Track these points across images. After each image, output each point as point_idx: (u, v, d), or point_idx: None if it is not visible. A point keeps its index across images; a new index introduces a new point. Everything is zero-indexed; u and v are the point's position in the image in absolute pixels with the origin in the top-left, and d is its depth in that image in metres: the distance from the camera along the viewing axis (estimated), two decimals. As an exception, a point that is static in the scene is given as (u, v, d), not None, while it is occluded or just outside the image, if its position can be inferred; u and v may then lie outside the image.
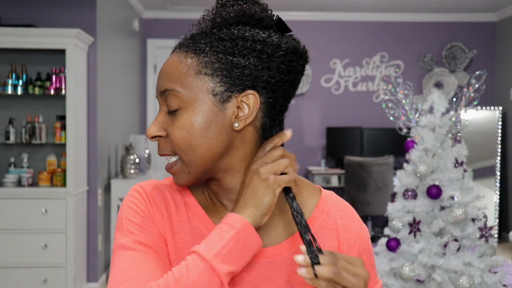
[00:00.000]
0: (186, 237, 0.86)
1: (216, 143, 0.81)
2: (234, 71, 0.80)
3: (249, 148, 0.84)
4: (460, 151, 2.78)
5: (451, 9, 5.92)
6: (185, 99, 0.81)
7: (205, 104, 0.80)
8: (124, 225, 0.85)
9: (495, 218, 5.64)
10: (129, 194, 0.89)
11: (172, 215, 0.87)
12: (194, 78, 0.81)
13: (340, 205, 0.93)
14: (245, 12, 0.82)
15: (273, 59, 0.81)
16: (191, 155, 0.81)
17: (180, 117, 0.81)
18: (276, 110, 0.84)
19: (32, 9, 3.91)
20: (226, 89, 0.80)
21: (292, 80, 0.84)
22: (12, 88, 3.76)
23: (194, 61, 0.81)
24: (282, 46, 0.81)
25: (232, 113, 0.81)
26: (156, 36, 6.02)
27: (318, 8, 5.93)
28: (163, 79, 0.83)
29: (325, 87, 6.17)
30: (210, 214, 0.88)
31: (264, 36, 0.81)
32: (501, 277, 2.67)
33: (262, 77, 0.81)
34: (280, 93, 0.83)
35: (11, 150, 3.94)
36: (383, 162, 5.10)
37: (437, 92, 2.86)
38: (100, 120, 4.11)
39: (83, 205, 3.93)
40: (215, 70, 0.80)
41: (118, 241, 0.84)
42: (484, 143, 5.68)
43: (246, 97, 0.81)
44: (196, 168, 0.82)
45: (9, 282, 3.63)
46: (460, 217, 2.65)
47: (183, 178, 0.84)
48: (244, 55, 0.80)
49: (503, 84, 5.98)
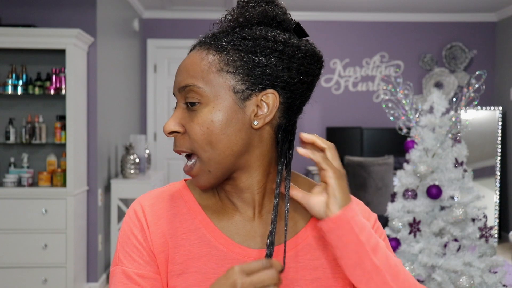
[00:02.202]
0: (192, 248, 0.86)
1: (236, 140, 0.82)
2: (255, 70, 0.81)
3: (266, 147, 0.85)
4: (460, 151, 2.78)
5: (451, 9, 5.92)
6: (206, 95, 0.81)
7: (226, 101, 0.81)
8: (117, 252, 0.88)
9: (495, 218, 5.64)
10: (127, 214, 0.90)
11: (177, 227, 0.87)
12: (215, 75, 0.81)
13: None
14: (268, 14, 0.83)
15: (293, 60, 0.82)
16: (211, 152, 0.82)
17: (200, 113, 0.81)
18: (293, 111, 0.86)
19: (32, 9, 3.91)
20: (247, 87, 0.81)
21: (310, 82, 0.85)
22: (12, 88, 3.76)
23: (216, 59, 0.82)
24: (302, 48, 0.83)
25: (251, 111, 0.82)
26: (156, 36, 6.02)
27: (318, 8, 5.93)
28: (183, 75, 0.83)
29: (325, 87, 6.17)
30: (218, 219, 0.88)
31: (286, 37, 0.82)
32: (501, 277, 2.67)
33: (282, 77, 0.82)
34: (298, 94, 0.84)
35: (11, 150, 3.94)
36: (383, 162, 5.09)
37: (437, 92, 2.86)
38: (100, 120, 4.11)
39: (83, 205, 3.93)
40: (237, 68, 0.81)
41: (111, 267, 0.88)
42: (484, 143, 5.68)
43: (266, 96, 0.82)
44: (216, 166, 0.82)
45: (9, 282, 3.63)
46: (460, 217, 2.65)
47: (204, 179, 0.84)
48: (265, 54, 0.81)
49: (503, 84, 5.98)
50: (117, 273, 0.85)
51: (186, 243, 0.86)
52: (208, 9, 5.75)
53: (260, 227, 0.87)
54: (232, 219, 0.88)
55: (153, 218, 0.87)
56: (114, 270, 0.86)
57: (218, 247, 0.85)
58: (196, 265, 0.85)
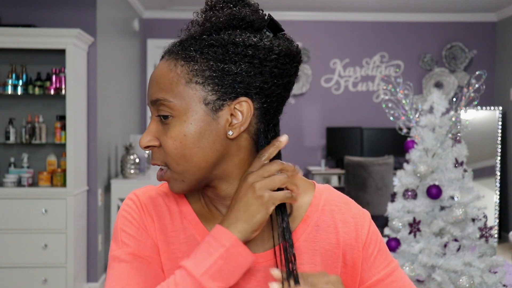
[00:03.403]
0: (181, 247, 0.85)
1: (211, 152, 0.79)
2: (225, 79, 0.78)
3: (245, 155, 0.82)
4: (460, 151, 2.78)
5: (451, 9, 5.92)
6: (176, 108, 0.78)
7: (197, 113, 0.78)
8: (119, 236, 0.85)
9: (495, 218, 5.63)
10: (124, 203, 0.89)
11: (167, 224, 0.87)
12: (185, 87, 0.78)
13: (335, 199, 0.91)
14: (235, 16, 0.79)
15: (265, 63, 0.78)
16: (185, 165, 0.80)
17: (172, 127, 0.79)
18: (271, 115, 0.82)
19: (32, 9, 3.91)
20: (218, 98, 0.78)
21: (286, 83, 0.82)
22: (12, 88, 3.76)
23: (185, 69, 0.78)
24: (274, 49, 0.79)
25: (225, 121, 0.79)
26: (156, 36, 6.02)
27: (318, 8, 5.93)
28: (153, 88, 0.81)
29: (325, 87, 6.17)
30: (206, 222, 0.87)
31: (256, 40, 0.78)
32: (501, 277, 2.67)
33: (254, 83, 0.78)
34: (274, 98, 0.81)
35: (11, 150, 3.94)
36: (383, 162, 5.09)
37: (437, 92, 2.86)
38: (100, 120, 4.11)
39: (83, 205, 3.93)
40: (206, 78, 0.78)
41: (112, 252, 0.85)
42: (484, 143, 5.68)
43: (239, 105, 0.79)
44: (190, 177, 0.81)
45: (9, 282, 3.63)
46: (460, 217, 2.65)
47: (177, 186, 0.82)
48: (235, 61, 0.77)
49: (503, 84, 5.98)
50: (122, 254, 0.83)
51: (175, 241, 0.86)
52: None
53: None
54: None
55: (147, 210, 0.87)
56: (117, 254, 0.84)
57: None
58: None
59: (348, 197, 0.94)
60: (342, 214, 0.90)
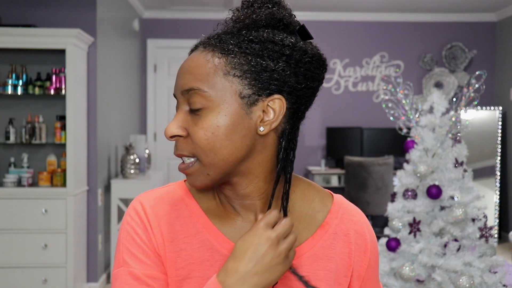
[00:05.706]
0: (194, 253, 0.84)
1: (240, 146, 0.79)
2: (263, 75, 0.78)
3: (269, 153, 0.82)
4: (460, 151, 2.78)
5: (451, 9, 5.92)
6: (211, 99, 0.78)
7: (232, 106, 0.78)
8: (121, 253, 0.84)
9: (495, 218, 5.63)
10: (127, 213, 0.87)
11: (177, 230, 0.85)
12: (222, 79, 0.78)
13: (352, 210, 0.93)
14: (275, 16, 0.80)
15: (300, 65, 0.79)
16: (213, 157, 0.79)
17: (204, 117, 0.78)
18: (298, 117, 0.84)
19: (32, 9, 3.91)
20: (254, 92, 0.78)
21: (315, 87, 0.83)
22: (12, 88, 3.76)
23: (223, 61, 0.78)
24: (308, 52, 0.80)
25: (257, 117, 0.79)
26: (156, 36, 6.02)
27: (318, 8, 5.93)
28: (187, 77, 0.80)
29: (325, 87, 6.16)
30: (220, 223, 0.86)
31: (293, 41, 0.80)
32: (501, 277, 2.67)
33: (289, 83, 0.79)
34: (303, 100, 0.82)
35: (11, 150, 3.94)
36: (383, 162, 5.09)
37: (437, 92, 2.86)
38: (100, 120, 4.11)
39: (83, 205, 3.93)
40: (245, 72, 0.78)
41: (115, 269, 0.84)
42: (484, 143, 5.68)
43: (272, 102, 0.79)
44: (216, 170, 0.80)
45: (9, 282, 3.63)
46: (460, 217, 2.65)
47: (200, 180, 0.81)
48: (273, 58, 0.78)
49: (503, 84, 5.98)
50: (122, 274, 0.82)
51: (188, 247, 0.84)
52: (208, 9, 5.75)
53: None
54: (234, 223, 0.86)
55: (154, 220, 0.85)
56: (118, 272, 0.83)
57: (222, 251, 0.83)
58: (199, 270, 0.83)
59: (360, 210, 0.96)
60: (358, 225, 0.92)
